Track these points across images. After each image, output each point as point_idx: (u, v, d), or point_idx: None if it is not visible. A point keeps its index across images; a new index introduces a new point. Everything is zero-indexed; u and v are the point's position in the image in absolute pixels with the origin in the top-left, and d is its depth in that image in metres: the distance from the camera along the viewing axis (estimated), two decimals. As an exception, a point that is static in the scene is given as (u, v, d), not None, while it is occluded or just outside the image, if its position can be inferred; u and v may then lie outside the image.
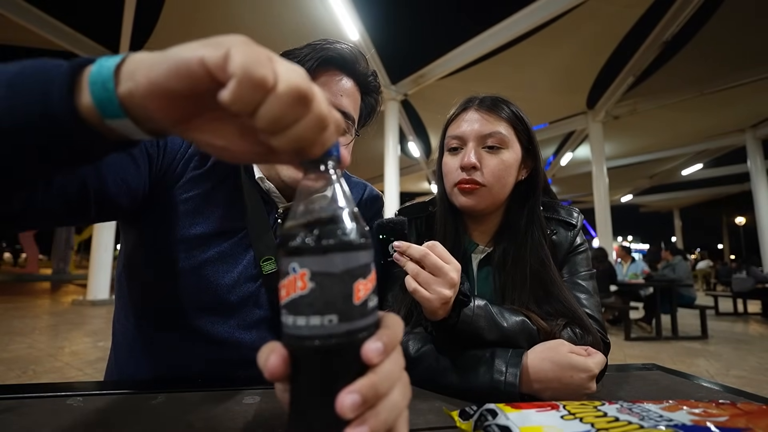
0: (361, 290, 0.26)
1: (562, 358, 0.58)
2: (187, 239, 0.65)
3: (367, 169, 11.55)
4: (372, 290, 0.27)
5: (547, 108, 9.17)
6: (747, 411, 0.40)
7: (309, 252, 0.25)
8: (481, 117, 0.79)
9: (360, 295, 0.26)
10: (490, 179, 0.76)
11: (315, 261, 0.25)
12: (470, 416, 0.44)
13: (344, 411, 0.23)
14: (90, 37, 6.61)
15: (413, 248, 0.58)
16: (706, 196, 21.52)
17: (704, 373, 3.47)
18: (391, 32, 7.11)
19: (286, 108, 0.24)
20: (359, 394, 0.24)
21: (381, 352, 0.26)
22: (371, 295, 0.27)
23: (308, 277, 0.25)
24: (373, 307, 0.27)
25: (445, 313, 0.61)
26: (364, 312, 0.26)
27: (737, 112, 9.50)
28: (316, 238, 0.25)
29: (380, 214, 0.90)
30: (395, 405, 0.26)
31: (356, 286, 0.26)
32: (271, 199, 0.74)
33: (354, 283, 0.26)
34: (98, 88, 0.28)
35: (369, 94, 0.78)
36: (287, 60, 0.27)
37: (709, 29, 6.94)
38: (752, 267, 7.36)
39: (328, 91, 0.68)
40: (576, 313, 0.71)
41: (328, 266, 0.25)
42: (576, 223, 0.84)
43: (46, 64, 0.30)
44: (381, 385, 0.25)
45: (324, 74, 0.70)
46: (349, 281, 0.26)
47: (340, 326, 0.25)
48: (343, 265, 0.25)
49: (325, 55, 0.68)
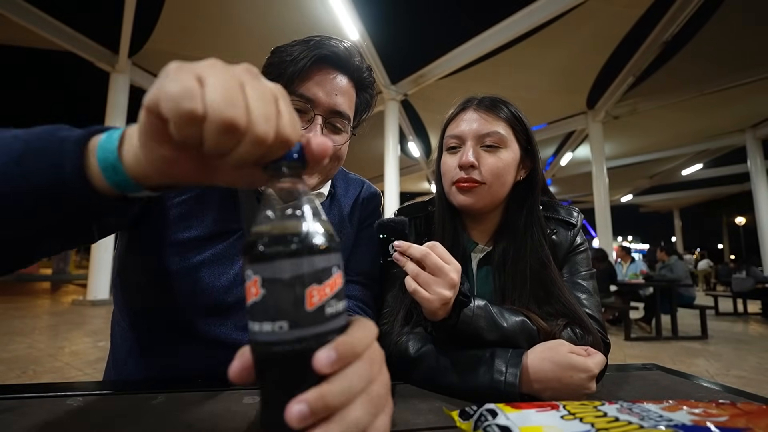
0: (315, 296, 0.25)
1: (562, 358, 0.58)
2: (182, 243, 0.65)
3: (367, 169, 11.54)
4: (332, 296, 0.27)
5: (546, 108, 9.17)
6: (747, 411, 0.40)
7: (259, 259, 0.25)
8: (479, 117, 0.79)
9: (313, 302, 0.25)
10: (489, 177, 0.76)
11: (264, 267, 0.25)
12: (470, 416, 0.43)
13: (291, 420, 0.23)
14: (90, 37, 6.61)
15: (414, 248, 0.58)
16: (706, 196, 21.53)
17: (704, 373, 3.47)
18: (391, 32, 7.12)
19: (217, 138, 0.25)
20: (307, 405, 0.23)
21: (332, 361, 0.25)
22: (330, 301, 0.26)
23: (260, 283, 0.25)
24: (333, 313, 0.27)
25: (445, 313, 0.61)
26: (320, 319, 0.26)
27: (737, 112, 9.50)
28: (266, 244, 0.25)
29: (378, 211, 0.90)
30: (355, 422, 0.25)
31: (309, 292, 0.25)
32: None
33: (306, 289, 0.25)
34: (110, 174, 0.31)
35: (364, 90, 0.77)
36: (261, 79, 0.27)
37: (709, 29, 6.94)
38: (752, 267, 7.36)
39: (322, 90, 0.67)
40: (576, 314, 0.71)
41: (275, 272, 0.25)
42: (576, 222, 0.84)
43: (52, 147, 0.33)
44: (333, 398, 0.24)
45: (318, 73, 0.68)
46: (299, 287, 0.25)
47: (290, 333, 0.25)
48: (292, 271, 0.25)
49: (319, 54, 0.67)
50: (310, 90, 0.67)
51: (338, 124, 0.71)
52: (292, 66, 0.66)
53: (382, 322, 0.78)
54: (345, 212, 0.82)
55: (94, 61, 6.68)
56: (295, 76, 0.66)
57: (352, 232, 0.82)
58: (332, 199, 0.83)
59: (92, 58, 6.63)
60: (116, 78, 6.80)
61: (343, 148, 0.73)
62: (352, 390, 0.26)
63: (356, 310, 0.76)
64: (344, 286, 0.29)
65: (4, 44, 6.96)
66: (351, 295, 0.77)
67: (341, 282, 0.28)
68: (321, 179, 0.74)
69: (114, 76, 6.80)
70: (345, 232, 0.81)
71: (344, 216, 0.82)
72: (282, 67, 0.67)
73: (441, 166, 0.83)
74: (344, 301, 0.28)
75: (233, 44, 6.77)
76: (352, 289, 0.78)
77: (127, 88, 6.91)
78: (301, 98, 0.67)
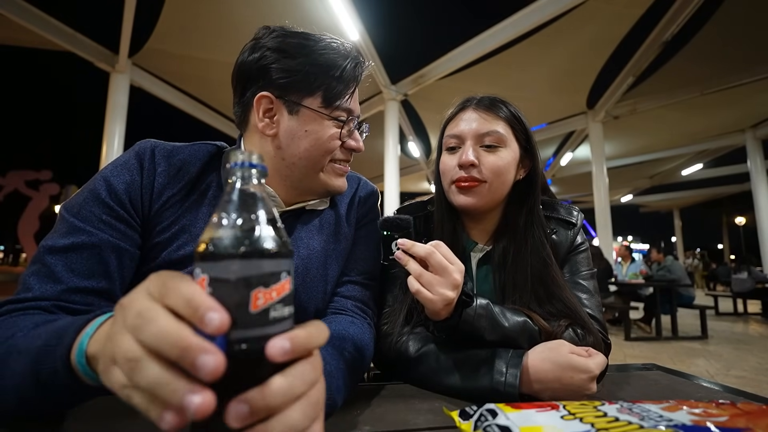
0: (261, 299, 0.26)
1: (563, 358, 0.58)
2: (175, 261, 0.63)
3: (367, 169, 11.53)
4: (279, 300, 0.27)
5: (547, 108, 9.16)
6: (747, 411, 0.40)
7: (207, 258, 0.26)
8: (479, 116, 0.79)
9: (258, 304, 0.26)
10: (489, 175, 0.76)
11: (211, 267, 0.26)
12: (470, 416, 0.43)
13: (230, 420, 0.23)
14: (90, 37, 6.60)
15: (418, 246, 0.58)
16: (706, 196, 21.50)
17: (704, 373, 3.47)
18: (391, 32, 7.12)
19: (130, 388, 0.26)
20: (247, 405, 0.24)
21: (285, 351, 0.25)
22: (276, 305, 0.27)
23: (207, 282, 0.26)
24: (277, 317, 0.27)
25: (448, 313, 0.60)
26: (264, 321, 0.26)
27: (737, 112, 9.49)
28: (215, 243, 0.26)
29: (375, 208, 0.89)
30: (291, 424, 0.25)
31: (254, 294, 0.26)
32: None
33: (252, 291, 0.26)
34: (89, 377, 0.35)
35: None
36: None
37: (709, 29, 6.93)
38: (752, 267, 7.36)
39: (355, 102, 0.74)
40: (578, 314, 0.71)
41: (221, 272, 0.25)
42: (576, 221, 0.84)
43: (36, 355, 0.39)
44: (274, 399, 0.25)
45: (354, 81, 0.72)
46: (244, 289, 0.25)
47: (233, 333, 0.25)
48: (239, 273, 0.25)
49: (359, 67, 0.72)
50: (352, 103, 0.73)
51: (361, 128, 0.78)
52: (343, 81, 0.70)
53: (383, 322, 0.78)
54: (342, 211, 0.82)
55: (94, 61, 6.67)
56: (347, 90, 0.71)
57: (350, 232, 0.82)
58: (329, 199, 0.82)
59: (92, 58, 6.62)
60: (116, 78, 6.79)
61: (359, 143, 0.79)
62: (294, 392, 0.26)
63: (355, 310, 0.75)
64: (292, 292, 0.29)
65: (4, 44, 6.96)
66: (350, 295, 0.77)
67: (289, 288, 0.28)
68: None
69: (114, 76, 6.79)
70: (342, 232, 0.80)
71: (341, 215, 0.82)
72: (324, 80, 0.68)
73: (440, 165, 0.83)
74: (291, 306, 0.29)
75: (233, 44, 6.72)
76: (351, 289, 0.78)
77: (127, 88, 6.90)
78: (347, 112, 0.72)
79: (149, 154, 0.66)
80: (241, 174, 0.29)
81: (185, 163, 0.68)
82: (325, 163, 0.72)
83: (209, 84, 8.03)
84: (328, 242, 0.77)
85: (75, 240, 0.56)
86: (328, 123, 0.70)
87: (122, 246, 0.60)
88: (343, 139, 0.72)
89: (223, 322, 0.24)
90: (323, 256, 0.75)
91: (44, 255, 0.55)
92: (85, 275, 0.56)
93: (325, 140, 0.70)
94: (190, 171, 0.68)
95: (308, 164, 0.70)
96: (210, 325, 0.23)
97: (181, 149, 0.70)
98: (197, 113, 9.04)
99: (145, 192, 0.64)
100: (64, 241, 0.56)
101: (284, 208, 0.74)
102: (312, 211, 0.79)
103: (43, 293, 0.53)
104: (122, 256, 0.60)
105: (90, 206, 0.59)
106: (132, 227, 0.62)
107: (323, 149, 0.70)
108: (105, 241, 0.58)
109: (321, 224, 0.78)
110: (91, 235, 0.57)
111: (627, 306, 5.43)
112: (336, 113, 0.70)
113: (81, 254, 0.56)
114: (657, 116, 9.33)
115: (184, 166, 0.68)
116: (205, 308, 0.24)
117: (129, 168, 0.64)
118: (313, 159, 0.70)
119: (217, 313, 0.24)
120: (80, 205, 0.59)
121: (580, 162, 13.11)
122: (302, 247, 0.74)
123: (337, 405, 0.51)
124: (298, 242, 0.74)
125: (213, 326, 0.23)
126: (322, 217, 0.79)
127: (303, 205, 0.76)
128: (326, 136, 0.70)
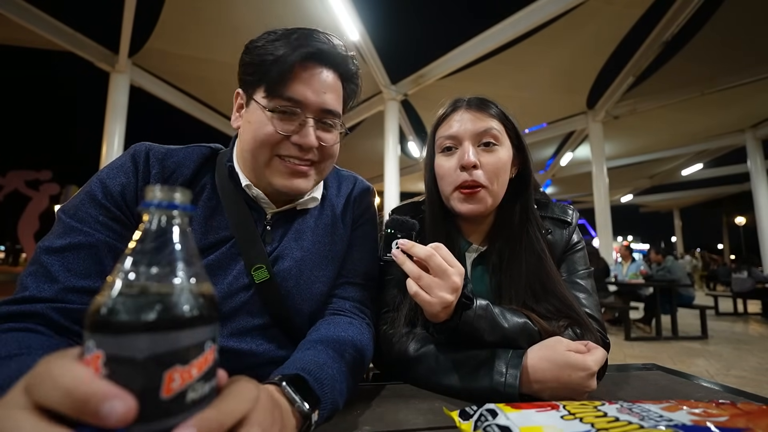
0: (177, 380, 0.20)
1: (559, 356, 0.58)
2: None
3: (367, 169, 11.53)
4: (200, 377, 0.21)
5: (547, 108, 9.16)
6: (747, 411, 0.40)
7: (103, 328, 0.19)
8: (472, 116, 0.78)
9: (173, 387, 0.20)
10: (491, 178, 0.76)
11: (110, 341, 0.19)
12: (470, 416, 0.43)
13: None
14: (90, 37, 6.60)
15: (418, 247, 0.57)
16: (706, 196, 21.50)
17: (704, 373, 3.46)
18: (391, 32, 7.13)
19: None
20: None
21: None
22: (196, 385, 0.21)
23: (102, 361, 0.19)
24: (196, 399, 0.21)
25: (447, 315, 0.60)
26: (178, 408, 0.20)
27: (737, 112, 9.49)
28: (114, 309, 0.20)
29: (372, 207, 0.88)
30: None
31: (169, 375, 0.20)
32: (258, 205, 0.73)
33: (166, 371, 0.20)
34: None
35: (350, 81, 0.75)
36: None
37: (708, 29, 6.93)
38: (752, 267, 7.36)
39: (310, 90, 0.66)
40: (575, 311, 0.71)
41: (125, 349, 0.19)
42: (571, 220, 0.83)
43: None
44: None
45: (304, 71, 0.66)
46: (156, 369, 0.19)
47: (133, 428, 0.19)
48: (149, 350, 0.19)
49: (305, 52, 0.65)
50: (298, 91, 0.65)
51: (329, 122, 0.70)
52: (277, 67, 0.63)
53: (383, 322, 0.78)
54: (338, 212, 0.81)
55: (94, 61, 6.67)
56: (282, 77, 0.64)
57: (346, 233, 0.81)
58: (324, 200, 0.82)
59: (92, 58, 6.63)
60: (116, 78, 6.79)
61: (335, 146, 0.72)
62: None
63: (354, 311, 0.75)
64: (217, 361, 0.24)
65: (4, 44, 6.96)
66: (348, 296, 0.77)
67: (213, 357, 0.22)
68: (316, 181, 0.73)
69: (114, 76, 6.80)
70: (338, 233, 0.80)
71: (337, 216, 0.81)
72: (264, 67, 0.65)
73: (437, 168, 0.81)
74: (214, 379, 0.23)
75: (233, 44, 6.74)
76: (349, 290, 0.78)
77: (127, 88, 6.91)
78: (290, 101, 0.65)
79: (144, 156, 0.66)
80: (158, 216, 0.23)
81: (179, 165, 0.69)
82: (267, 157, 0.67)
83: (209, 84, 8.03)
84: (323, 243, 0.77)
85: (72, 240, 0.57)
86: (268, 114, 0.65)
87: (119, 247, 0.60)
88: (284, 132, 0.65)
89: (129, 409, 0.19)
90: (317, 258, 0.75)
91: (41, 255, 0.55)
92: (82, 275, 0.56)
93: (260, 132, 0.66)
94: (184, 173, 0.69)
95: (252, 158, 0.68)
96: (111, 416, 0.18)
97: (175, 152, 0.70)
98: (197, 113, 9.04)
99: (140, 194, 0.64)
100: (61, 242, 0.56)
101: (275, 209, 0.74)
102: (305, 211, 0.78)
103: (40, 293, 0.53)
104: (119, 257, 0.60)
105: (86, 208, 0.60)
106: (128, 228, 0.62)
107: (259, 141, 0.66)
108: (102, 242, 0.58)
109: (316, 225, 0.78)
110: (88, 235, 0.58)
111: (627, 306, 5.43)
112: (276, 103, 0.65)
113: (78, 254, 0.56)
114: (657, 116, 9.33)
115: (178, 169, 0.68)
116: (101, 396, 0.18)
117: (124, 170, 0.64)
118: (254, 152, 0.67)
119: (120, 400, 0.19)
120: (77, 207, 0.60)
121: (580, 162, 13.10)
122: (296, 248, 0.73)
123: (339, 407, 0.52)
124: (291, 244, 0.74)
125: (115, 418, 0.18)
126: (317, 218, 0.78)
127: (293, 206, 0.75)
128: (262, 127, 0.66)
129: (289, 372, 0.49)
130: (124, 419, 0.18)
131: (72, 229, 0.58)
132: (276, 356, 0.69)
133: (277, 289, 0.70)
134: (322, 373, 0.51)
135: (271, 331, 0.70)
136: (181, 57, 7.01)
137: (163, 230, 0.23)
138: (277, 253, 0.72)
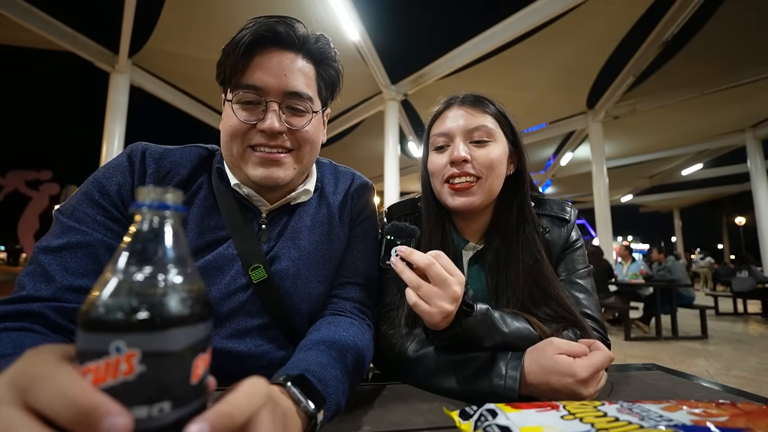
0: (200, 366, 0.23)
1: (547, 360, 0.56)
2: None
3: (367, 169, 11.54)
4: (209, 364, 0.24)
5: (547, 108, 9.16)
6: (747, 411, 0.40)
7: (139, 327, 0.20)
8: (465, 112, 0.78)
9: (199, 373, 0.22)
10: (483, 169, 0.75)
11: (148, 339, 0.20)
12: (470, 416, 0.43)
13: None
14: (90, 37, 6.60)
15: (417, 255, 0.55)
16: (706, 196, 21.49)
17: (704, 373, 3.46)
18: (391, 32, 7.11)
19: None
20: None
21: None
22: (207, 370, 0.24)
23: (138, 358, 0.20)
24: (206, 381, 0.24)
25: (447, 324, 0.59)
26: (202, 390, 0.23)
27: (737, 112, 9.49)
28: (155, 309, 0.21)
29: (371, 203, 0.87)
30: None
31: (196, 363, 0.22)
32: (252, 204, 0.72)
33: (194, 359, 0.22)
34: None
35: (325, 63, 0.72)
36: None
37: (709, 29, 6.93)
38: (752, 267, 7.35)
39: (268, 75, 0.64)
40: (574, 315, 0.70)
41: (163, 343, 0.21)
42: (569, 217, 0.82)
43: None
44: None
45: (261, 56, 0.65)
46: (189, 359, 0.22)
47: (172, 414, 0.21)
48: (185, 341, 0.21)
49: (255, 37, 0.63)
50: (256, 77, 0.64)
51: (298, 106, 0.67)
52: (232, 57, 0.63)
53: (383, 322, 0.78)
54: (334, 210, 0.80)
55: (94, 61, 6.67)
56: (238, 66, 0.63)
57: (344, 231, 0.80)
58: (320, 196, 0.80)
59: (92, 58, 6.63)
60: (116, 78, 6.79)
61: (311, 130, 0.69)
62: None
63: (354, 311, 0.75)
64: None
65: (4, 44, 6.96)
66: (348, 296, 0.77)
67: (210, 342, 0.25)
68: (297, 170, 0.71)
69: (114, 76, 6.80)
70: (335, 231, 0.79)
71: (334, 213, 0.79)
72: (225, 62, 0.65)
73: (429, 165, 0.81)
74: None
75: (233, 44, 6.72)
76: (349, 290, 0.77)
77: (127, 88, 6.91)
78: (249, 89, 0.64)
79: (140, 156, 0.66)
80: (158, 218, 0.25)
81: (175, 165, 0.69)
82: (239, 150, 0.67)
83: (209, 84, 8.01)
84: (321, 242, 0.76)
85: (69, 239, 0.57)
86: (234, 106, 0.66)
87: (116, 246, 0.60)
88: (247, 120, 0.65)
89: (127, 427, 0.19)
90: (315, 257, 0.75)
91: (39, 255, 0.55)
92: (80, 274, 0.56)
93: (227, 125, 0.67)
94: (180, 173, 0.69)
95: (228, 154, 0.69)
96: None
97: (172, 152, 0.70)
98: (197, 113, 9.04)
99: (130, 188, 0.64)
100: (58, 241, 0.56)
101: (269, 207, 0.73)
102: (300, 206, 0.77)
103: (37, 292, 0.53)
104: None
105: (84, 207, 0.60)
106: (125, 227, 0.62)
107: (228, 135, 0.67)
108: (99, 241, 0.58)
109: (313, 223, 0.77)
110: (86, 234, 0.58)
111: (627, 306, 5.43)
112: (237, 93, 0.65)
113: (75, 253, 0.56)
114: (657, 116, 9.33)
115: (174, 168, 0.68)
116: (104, 411, 0.19)
117: (121, 170, 0.64)
118: (227, 147, 0.68)
119: (121, 417, 0.19)
120: (74, 207, 0.60)
121: (580, 162, 13.10)
122: (293, 248, 0.73)
123: (342, 408, 0.52)
124: (288, 243, 0.73)
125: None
126: (314, 216, 0.77)
127: (286, 201, 0.74)
128: (229, 120, 0.66)
129: (293, 373, 0.49)
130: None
131: (69, 229, 0.58)
132: (276, 357, 0.69)
133: (275, 289, 0.69)
134: (326, 373, 0.51)
135: (271, 332, 0.70)
136: (181, 57, 7.01)
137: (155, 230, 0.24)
138: (274, 252, 0.72)
